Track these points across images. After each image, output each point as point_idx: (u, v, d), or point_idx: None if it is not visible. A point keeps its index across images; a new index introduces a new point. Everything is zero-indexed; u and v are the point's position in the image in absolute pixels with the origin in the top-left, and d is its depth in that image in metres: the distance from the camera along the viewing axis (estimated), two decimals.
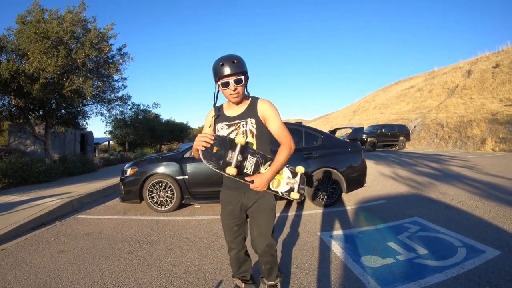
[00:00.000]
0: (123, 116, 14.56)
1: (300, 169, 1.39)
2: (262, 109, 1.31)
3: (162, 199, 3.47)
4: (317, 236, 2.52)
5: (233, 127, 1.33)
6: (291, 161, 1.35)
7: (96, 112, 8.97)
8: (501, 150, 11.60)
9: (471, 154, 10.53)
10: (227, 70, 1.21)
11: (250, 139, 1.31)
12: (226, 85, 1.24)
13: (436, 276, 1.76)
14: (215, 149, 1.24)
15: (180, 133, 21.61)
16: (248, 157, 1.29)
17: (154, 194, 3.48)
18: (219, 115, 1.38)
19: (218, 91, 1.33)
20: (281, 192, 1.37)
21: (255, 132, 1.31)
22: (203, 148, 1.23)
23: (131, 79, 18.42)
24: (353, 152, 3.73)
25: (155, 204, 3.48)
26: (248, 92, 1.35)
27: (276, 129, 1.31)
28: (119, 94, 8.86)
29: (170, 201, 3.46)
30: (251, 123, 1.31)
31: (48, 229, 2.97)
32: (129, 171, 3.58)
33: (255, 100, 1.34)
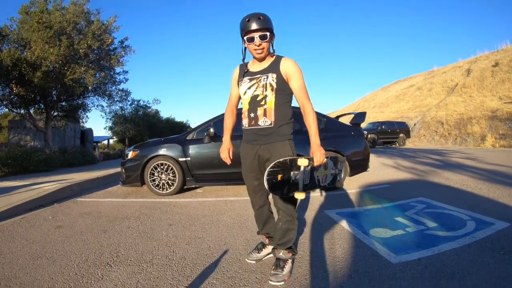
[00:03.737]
0: (123, 112, 14.50)
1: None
2: (285, 66, 1.32)
3: (163, 181, 3.42)
4: (323, 213, 2.48)
5: (254, 81, 1.36)
6: (295, 144, 1.43)
7: (97, 105, 8.93)
8: (501, 146, 11.61)
9: (472, 150, 10.53)
10: (253, 26, 1.26)
11: (269, 92, 1.33)
12: (251, 40, 1.28)
13: (449, 244, 1.72)
14: (279, 176, 1.24)
15: (180, 131, 21.57)
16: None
17: (155, 177, 3.42)
18: (243, 72, 1.41)
19: (245, 47, 1.37)
20: (328, 184, 1.45)
21: (275, 86, 1.32)
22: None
23: (132, 77, 18.46)
24: (356, 136, 3.69)
25: (156, 187, 3.42)
26: (274, 50, 1.37)
27: (298, 87, 1.33)
28: (120, 87, 8.82)
29: (172, 183, 3.40)
30: (272, 77, 1.32)
31: (46, 210, 2.90)
32: (130, 154, 3.53)
33: (279, 58, 1.37)
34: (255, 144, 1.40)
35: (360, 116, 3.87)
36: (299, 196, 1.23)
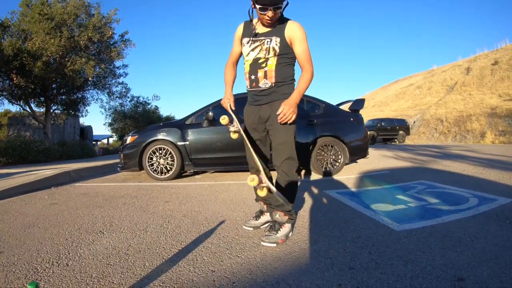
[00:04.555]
0: (123, 108, 14.46)
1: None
2: (290, 30, 1.27)
3: (162, 166, 3.36)
4: (323, 192, 2.43)
5: (258, 43, 1.31)
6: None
7: (96, 99, 8.90)
8: (500, 143, 11.58)
9: (471, 146, 10.51)
10: (268, 0, 1.16)
11: (271, 56, 1.29)
12: (264, 10, 1.20)
13: (453, 215, 1.67)
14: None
15: None
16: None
17: (153, 162, 3.37)
18: (249, 30, 1.34)
19: (253, 8, 1.26)
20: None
21: (277, 50, 1.29)
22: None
23: (132, 75, 18.38)
24: (355, 122, 3.65)
25: (155, 172, 3.37)
26: (282, 14, 1.30)
27: (301, 52, 1.28)
28: (120, 80, 8.79)
29: (170, 168, 3.35)
30: (276, 41, 1.28)
31: (43, 192, 2.85)
32: (129, 139, 3.48)
33: (285, 20, 1.30)
34: (256, 104, 1.39)
35: (358, 103, 3.82)
36: (233, 136, 1.41)
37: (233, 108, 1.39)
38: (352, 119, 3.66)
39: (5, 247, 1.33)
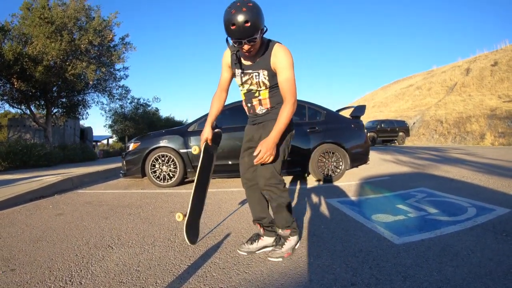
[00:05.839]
0: (123, 110, 14.48)
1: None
2: (274, 59, 1.23)
3: (164, 173, 3.40)
4: (325, 201, 2.47)
5: (247, 77, 1.31)
6: (296, 136, 1.40)
7: (97, 102, 8.93)
8: (500, 144, 11.65)
9: (471, 148, 10.56)
10: (238, 34, 1.10)
11: (262, 88, 1.30)
12: (239, 44, 1.15)
13: (451, 227, 1.72)
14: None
15: None
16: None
17: (156, 169, 3.41)
18: (235, 60, 1.29)
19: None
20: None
21: (267, 84, 1.29)
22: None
23: (132, 76, 18.36)
24: (356, 128, 3.69)
25: (157, 179, 3.41)
26: (263, 40, 1.24)
27: (283, 80, 1.22)
28: (120, 83, 8.83)
29: (173, 175, 3.39)
30: (263, 74, 1.27)
31: (46, 200, 2.89)
32: (131, 146, 3.52)
33: (270, 46, 1.24)
34: (253, 124, 1.44)
35: (359, 109, 3.87)
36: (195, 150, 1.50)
37: (209, 144, 1.47)
38: (353, 126, 3.70)
39: (16, 264, 1.37)
